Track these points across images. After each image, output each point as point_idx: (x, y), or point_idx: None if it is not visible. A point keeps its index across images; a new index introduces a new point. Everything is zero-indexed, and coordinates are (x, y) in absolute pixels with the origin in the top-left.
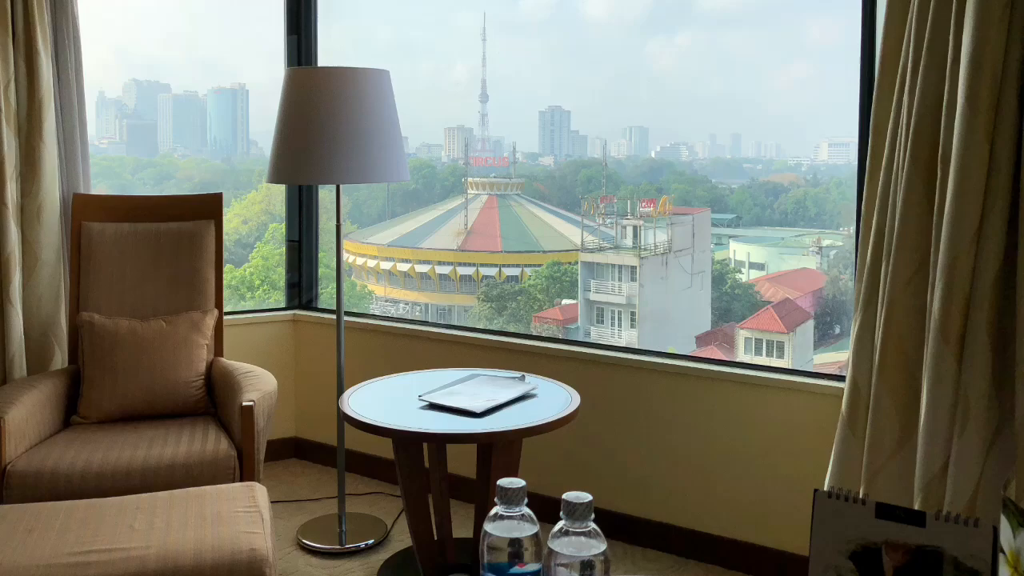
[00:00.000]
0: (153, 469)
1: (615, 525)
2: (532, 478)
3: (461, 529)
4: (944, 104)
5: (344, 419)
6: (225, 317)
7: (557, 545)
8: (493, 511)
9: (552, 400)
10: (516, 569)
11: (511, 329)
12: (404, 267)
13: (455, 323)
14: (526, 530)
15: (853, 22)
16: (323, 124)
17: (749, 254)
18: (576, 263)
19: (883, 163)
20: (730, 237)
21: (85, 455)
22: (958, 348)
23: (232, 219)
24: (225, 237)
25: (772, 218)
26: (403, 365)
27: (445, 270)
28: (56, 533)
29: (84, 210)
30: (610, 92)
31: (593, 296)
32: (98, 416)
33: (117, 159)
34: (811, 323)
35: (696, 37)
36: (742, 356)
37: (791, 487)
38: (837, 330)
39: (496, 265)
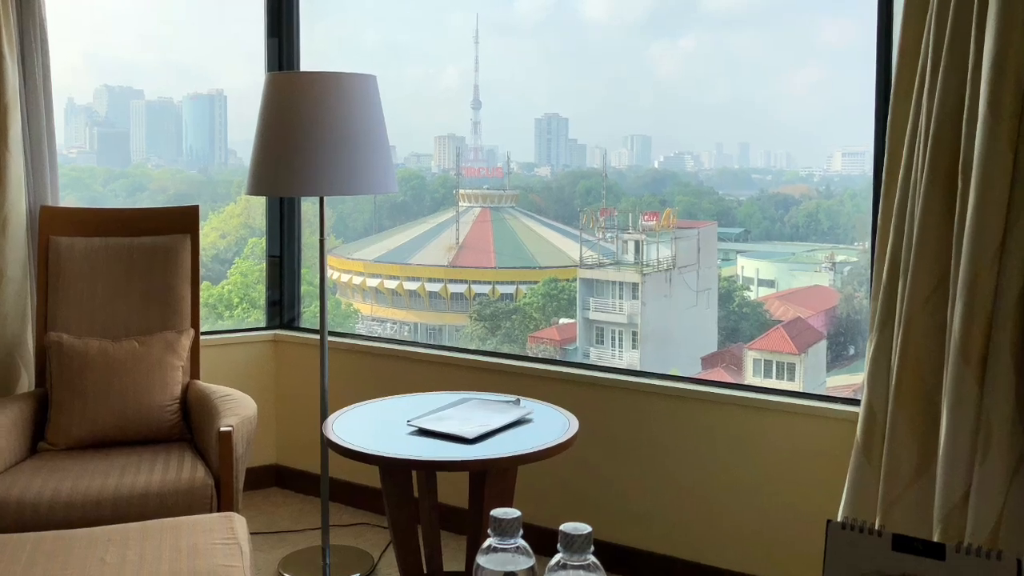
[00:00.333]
0: (125, 499)
1: (615, 558)
2: (527, 508)
3: (452, 562)
4: (965, 110)
5: (328, 445)
6: (202, 337)
7: None
8: (486, 543)
9: (549, 425)
10: None
11: (505, 350)
12: (392, 284)
13: (446, 344)
14: (521, 563)
15: (868, 23)
16: (306, 132)
17: (758, 270)
18: (574, 280)
19: (900, 174)
20: (738, 252)
21: (53, 484)
22: (980, 370)
23: (209, 233)
24: (202, 252)
25: (782, 232)
26: (391, 388)
27: (435, 287)
28: (22, 567)
29: (52, 224)
30: (610, 98)
31: (592, 315)
32: (67, 442)
33: (87, 169)
34: (824, 344)
35: (701, 39)
36: (750, 379)
37: (802, 518)
38: (851, 351)
39: (489, 282)
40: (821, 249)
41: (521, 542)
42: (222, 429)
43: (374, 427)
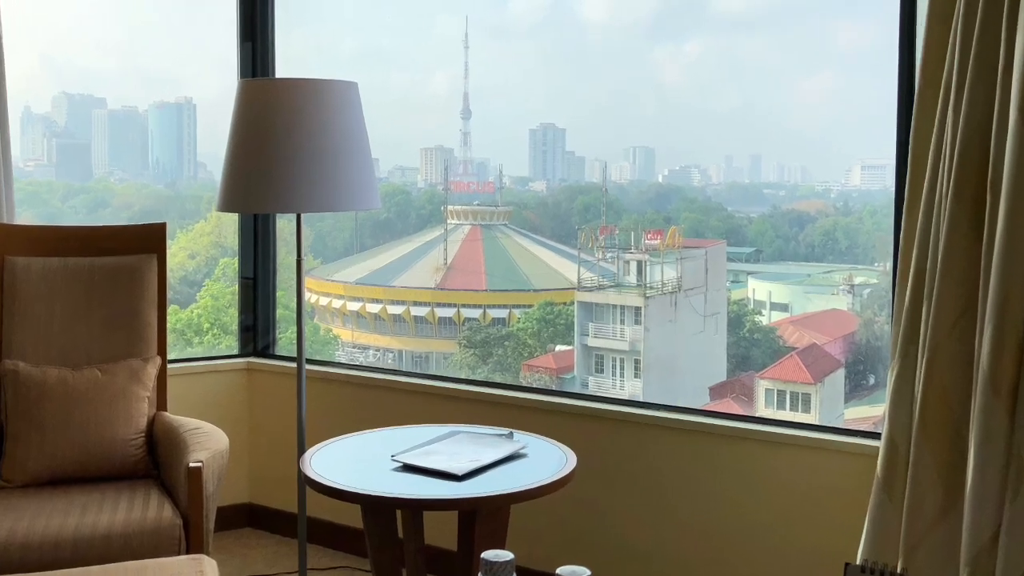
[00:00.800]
0: (86, 540)
1: None
2: (521, 550)
3: None
4: (995, 119)
5: (306, 482)
6: (169, 365)
7: None
8: None
9: (544, 461)
10: None
11: (497, 379)
12: (374, 308)
13: (433, 372)
14: None
15: (889, 25)
16: (282, 144)
17: (770, 293)
18: (572, 304)
19: (924, 188)
20: (748, 274)
21: (8, 524)
22: (1010, 401)
23: (177, 253)
24: (169, 274)
25: (797, 252)
26: (373, 420)
27: (421, 312)
28: None
29: (7, 242)
30: (610, 107)
31: (591, 341)
32: (23, 479)
33: (45, 184)
34: (841, 372)
35: (708, 44)
36: (762, 410)
37: (818, 560)
38: (871, 380)
39: (480, 306)
40: (839, 270)
41: None
42: (191, 465)
43: (355, 462)
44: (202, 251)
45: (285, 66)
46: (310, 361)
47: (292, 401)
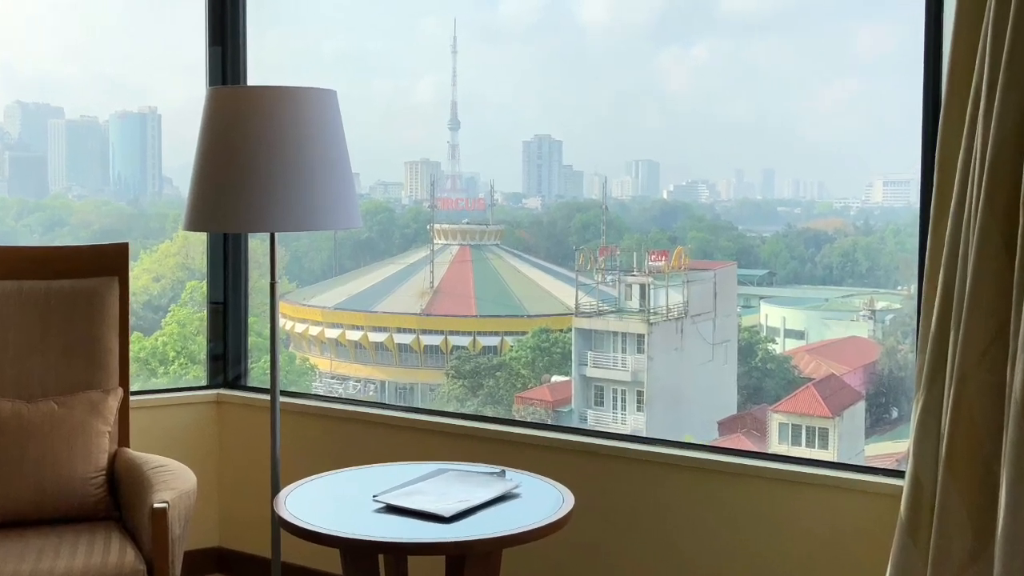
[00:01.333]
0: None
1: None
2: None
3: None
4: None
5: (280, 524)
6: (132, 397)
7: None
8: None
9: (539, 501)
10: None
11: (488, 413)
12: (354, 336)
13: (418, 405)
14: None
15: (913, 28)
16: (254, 157)
17: (785, 319)
18: (569, 330)
19: (952, 204)
20: (761, 298)
21: None
22: None
23: (141, 275)
24: (132, 298)
25: (813, 274)
26: (354, 458)
27: (406, 339)
28: None
29: None
30: (611, 117)
31: (590, 372)
32: None
33: None
34: (862, 405)
35: (717, 47)
36: (776, 446)
37: None
38: (894, 414)
39: (469, 333)
40: (859, 294)
41: None
42: (156, 506)
43: (334, 503)
44: (167, 273)
45: (258, 72)
46: (285, 393)
47: (265, 436)
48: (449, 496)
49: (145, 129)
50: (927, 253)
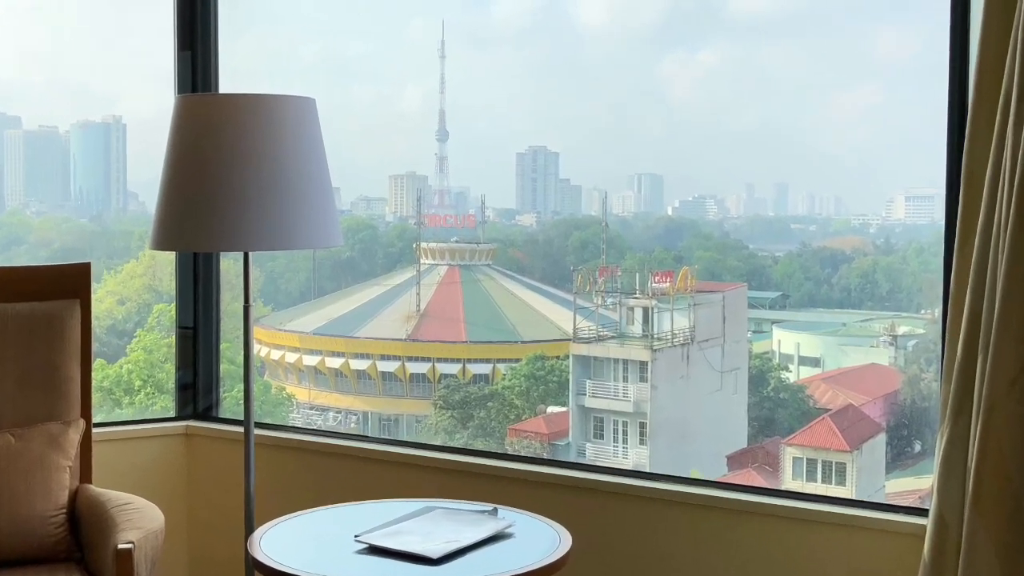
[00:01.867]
0: None
1: None
2: None
3: None
4: None
5: (255, 567)
6: (94, 430)
7: None
8: None
9: (533, 542)
10: None
11: (479, 446)
12: (335, 363)
13: (403, 438)
14: None
15: (938, 32)
16: (226, 171)
17: (799, 345)
18: (566, 358)
19: (979, 222)
20: (773, 322)
21: None
22: None
23: (104, 298)
24: (95, 322)
25: (830, 297)
26: (334, 495)
27: (390, 367)
28: None
29: None
30: (611, 127)
31: (589, 402)
32: None
33: None
34: (882, 438)
35: (725, 52)
36: (789, 483)
37: None
38: (917, 448)
39: (459, 360)
40: (879, 318)
41: None
42: (120, 547)
43: (313, 543)
44: (133, 296)
45: (230, 79)
46: (259, 425)
47: (238, 471)
48: (436, 536)
49: (109, 140)
50: (953, 274)
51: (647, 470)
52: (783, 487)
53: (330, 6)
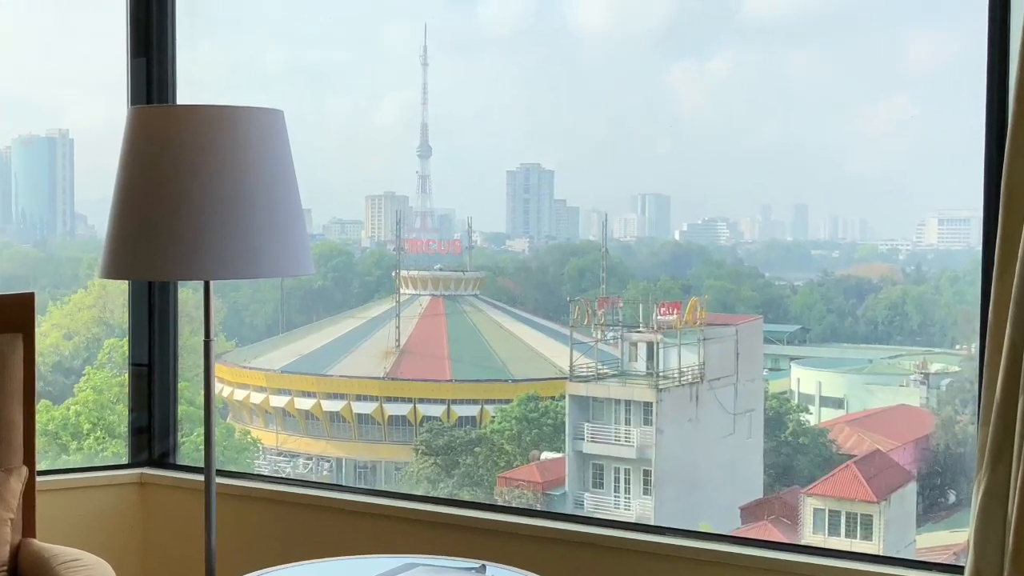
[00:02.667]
0: None
1: None
2: None
3: None
4: None
5: None
6: (39, 478)
7: None
8: None
9: None
10: None
11: (465, 497)
12: (305, 404)
13: (382, 487)
14: None
15: (975, 36)
16: (185, 190)
17: (820, 384)
18: (562, 397)
19: (1020, 248)
20: (792, 359)
21: None
22: None
23: (50, 332)
24: (39, 358)
25: (855, 331)
26: (304, 550)
27: (367, 408)
28: None
29: None
30: (612, 143)
31: (588, 447)
32: None
33: None
34: (913, 487)
35: (739, 60)
36: (810, 537)
37: None
38: (951, 498)
39: (443, 401)
40: (909, 355)
41: None
42: None
43: None
44: (81, 329)
45: (189, 88)
46: (222, 473)
47: (198, 525)
48: None
49: (54, 156)
50: (991, 305)
51: (652, 523)
52: (803, 542)
53: (299, 8)
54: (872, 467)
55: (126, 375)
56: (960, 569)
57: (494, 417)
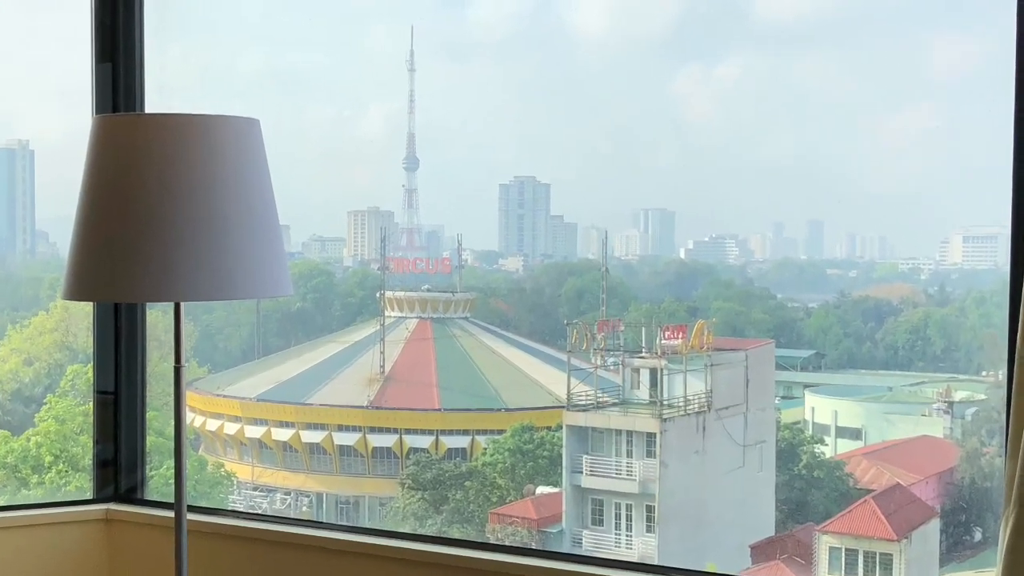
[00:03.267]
0: None
1: None
2: None
3: None
4: None
5: None
6: None
7: None
8: None
9: None
10: None
11: (455, 534)
12: (283, 434)
13: (365, 524)
14: None
15: (1003, 41)
16: (154, 205)
17: (836, 413)
18: (559, 428)
19: None
20: (806, 386)
21: None
22: None
23: (8, 357)
24: None
25: (873, 356)
26: None
27: (349, 439)
28: None
29: None
30: (613, 155)
31: (587, 481)
32: None
33: None
34: (936, 525)
35: (750, 66)
36: None
37: None
38: (977, 536)
39: (431, 431)
40: (932, 382)
41: None
42: None
43: None
44: (43, 355)
45: (158, 96)
46: (193, 509)
47: (168, 564)
48: None
49: (13, 169)
50: (1019, 327)
51: (655, 562)
52: None
53: (277, 10)
54: (892, 503)
55: (90, 404)
56: None
57: (486, 449)
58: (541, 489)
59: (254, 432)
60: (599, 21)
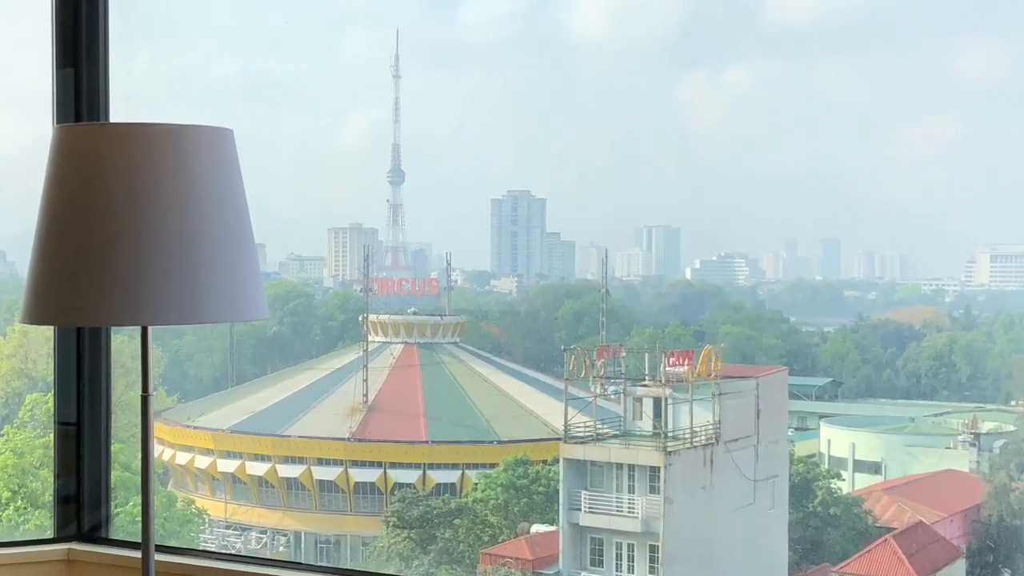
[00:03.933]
0: None
1: None
2: None
3: None
4: None
5: None
6: None
7: None
8: None
9: None
10: None
11: (443, 575)
12: (259, 468)
13: (347, 565)
14: None
15: None
16: (119, 222)
17: (854, 446)
18: (556, 461)
19: None
20: (821, 417)
21: None
22: None
23: None
24: None
25: (894, 384)
26: None
27: (329, 473)
28: None
29: None
30: (613, 168)
31: (585, 519)
32: None
33: None
34: (961, 565)
35: (761, 73)
36: None
37: None
38: None
39: (418, 465)
40: (957, 411)
41: None
42: None
43: None
44: (0, 383)
45: (124, 104)
46: (162, 548)
47: None
48: None
49: None
50: None
51: None
52: None
53: (251, 12)
54: (914, 542)
55: (51, 435)
56: None
57: (477, 484)
58: (536, 527)
59: (227, 466)
60: (599, 23)
